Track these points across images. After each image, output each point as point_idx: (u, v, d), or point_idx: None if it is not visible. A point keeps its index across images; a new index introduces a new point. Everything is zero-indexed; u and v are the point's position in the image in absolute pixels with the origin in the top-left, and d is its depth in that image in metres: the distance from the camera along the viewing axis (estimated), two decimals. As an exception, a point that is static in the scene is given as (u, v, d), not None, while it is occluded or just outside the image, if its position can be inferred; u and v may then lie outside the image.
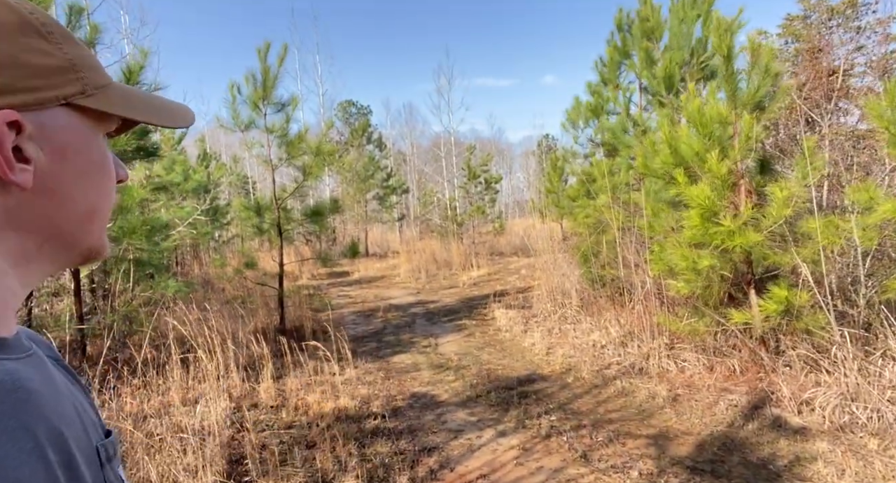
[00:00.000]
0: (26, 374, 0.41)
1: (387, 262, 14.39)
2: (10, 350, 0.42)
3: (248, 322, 6.28)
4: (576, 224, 7.71)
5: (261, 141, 6.60)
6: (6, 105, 0.40)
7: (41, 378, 0.43)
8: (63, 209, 0.45)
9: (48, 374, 0.45)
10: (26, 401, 0.38)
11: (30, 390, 0.39)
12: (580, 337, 5.53)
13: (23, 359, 0.42)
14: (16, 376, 0.39)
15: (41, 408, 0.39)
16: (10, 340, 0.42)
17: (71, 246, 0.47)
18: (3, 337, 0.42)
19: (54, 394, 0.43)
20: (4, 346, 0.41)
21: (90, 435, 0.45)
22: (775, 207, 3.80)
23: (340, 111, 27.82)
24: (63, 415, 0.42)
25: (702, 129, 3.98)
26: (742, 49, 4.24)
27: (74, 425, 0.43)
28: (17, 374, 0.40)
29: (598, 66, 7.50)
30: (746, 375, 4.16)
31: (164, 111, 0.52)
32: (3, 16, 0.41)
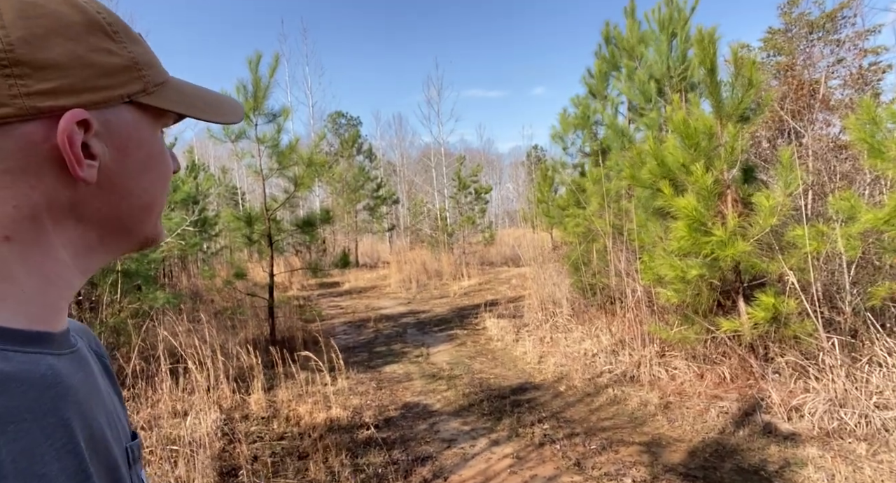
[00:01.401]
0: (67, 370, 0.42)
1: (377, 272, 14.35)
2: (56, 345, 0.42)
3: (239, 333, 6.23)
4: (566, 233, 7.76)
5: (251, 151, 6.59)
6: (76, 104, 0.41)
7: (82, 375, 0.44)
8: (125, 202, 0.46)
9: (90, 372, 0.46)
10: (64, 396, 0.39)
11: (69, 386, 0.40)
12: (572, 345, 5.55)
13: (66, 355, 0.43)
14: (56, 372, 0.40)
15: (79, 405, 0.40)
16: (57, 335, 0.43)
17: (130, 236, 0.48)
18: (49, 331, 0.42)
19: (94, 392, 0.44)
20: (51, 340, 0.42)
21: (121, 436, 0.46)
22: (762, 216, 3.87)
23: (330, 122, 27.87)
24: (100, 414, 0.43)
25: (687, 141, 4.05)
26: (726, 61, 4.34)
27: (111, 425, 0.44)
28: (58, 370, 0.40)
29: (586, 77, 7.62)
30: (736, 382, 4.20)
31: (217, 106, 0.53)
32: (72, 16, 0.42)
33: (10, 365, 0.37)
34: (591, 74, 7.57)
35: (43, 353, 0.41)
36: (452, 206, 16.43)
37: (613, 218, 5.85)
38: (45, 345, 0.41)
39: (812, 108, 6.73)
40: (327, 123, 27.55)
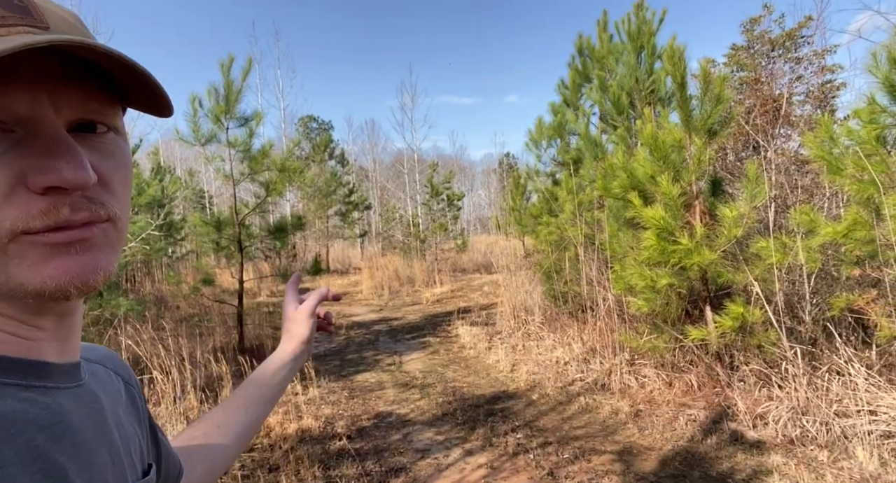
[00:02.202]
0: (69, 406, 0.40)
1: (349, 278, 14.22)
2: (57, 378, 0.40)
3: (206, 341, 6.08)
4: (538, 241, 7.84)
5: (222, 155, 6.46)
6: None
7: (86, 412, 0.42)
8: None
9: (96, 408, 0.43)
10: (60, 438, 0.37)
11: (67, 426, 0.38)
12: (544, 354, 5.59)
13: (71, 389, 0.41)
14: (54, 410, 0.38)
15: (77, 446, 0.38)
16: (62, 366, 0.41)
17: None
18: (49, 362, 0.40)
19: (99, 430, 0.42)
20: (52, 373, 0.40)
21: (127, 475, 0.44)
22: (727, 227, 3.99)
23: (301, 126, 27.57)
24: (104, 453, 0.42)
25: (656, 153, 4.15)
26: (694, 76, 4.47)
27: (115, 463, 0.42)
28: (56, 407, 0.38)
29: (560, 87, 7.74)
30: (704, 390, 4.30)
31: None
32: None
33: (5, 403, 0.35)
34: (564, 85, 7.69)
35: (46, 387, 0.39)
36: (425, 212, 16.43)
37: (585, 227, 5.94)
38: (49, 377, 0.39)
39: (775, 124, 6.98)
40: (298, 127, 27.25)
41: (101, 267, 0.38)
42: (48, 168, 0.35)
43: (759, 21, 10.91)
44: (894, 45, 3.11)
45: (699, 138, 4.23)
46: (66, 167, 0.35)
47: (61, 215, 0.36)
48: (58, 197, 0.36)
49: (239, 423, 0.74)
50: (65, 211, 0.36)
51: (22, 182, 0.35)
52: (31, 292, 0.36)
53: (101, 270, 0.38)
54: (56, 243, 0.36)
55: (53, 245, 0.36)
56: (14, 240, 0.35)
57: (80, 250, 0.37)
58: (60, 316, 0.41)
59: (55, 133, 0.36)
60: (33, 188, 0.35)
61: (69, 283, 0.36)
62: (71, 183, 0.35)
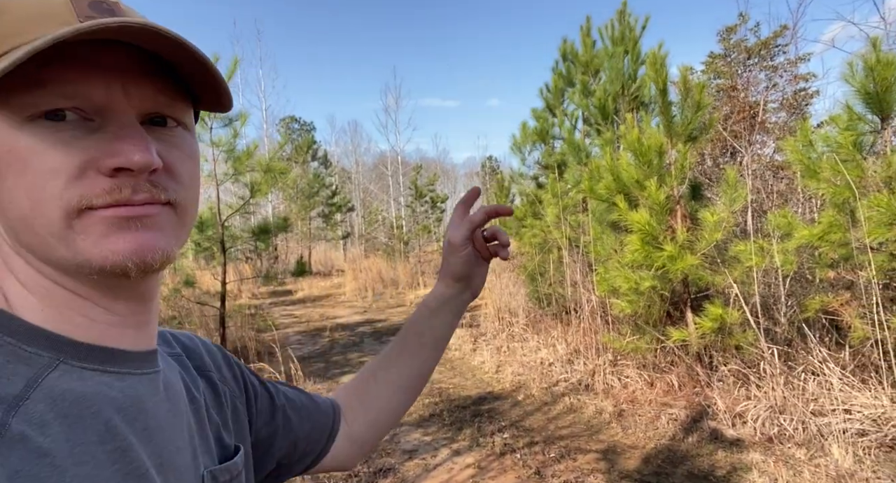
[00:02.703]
0: (145, 392, 0.42)
1: (332, 280, 14.14)
2: (131, 364, 0.42)
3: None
4: (522, 244, 7.91)
5: (205, 155, 6.40)
6: None
7: (160, 398, 0.43)
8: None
9: (171, 395, 0.45)
10: (134, 421, 0.39)
11: (141, 410, 0.40)
12: (528, 355, 5.65)
13: (148, 375, 0.43)
14: (130, 394, 0.40)
15: (150, 430, 0.40)
16: (137, 354, 0.43)
17: (47, 259, 0.39)
18: (126, 350, 0.42)
19: (172, 416, 0.44)
20: (128, 359, 0.42)
21: (199, 460, 0.46)
22: (707, 231, 4.09)
23: (283, 127, 27.36)
24: (178, 439, 0.43)
25: (641, 158, 4.24)
26: (673, 83, 4.58)
27: (182, 452, 0.44)
28: (133, 392, 0.41)
29: (543, 92, 7.82)
30: (684, 390, 4.39)
31: None
32: None
33: (85, 384, 0.38)
34: (548, 89, 7.78)
35: (121, 372, 0.41)
36: (408, 214, 16.43)
37: (569, 230, 6.02)
38: (124, 363, 0.41)
39: (751, 130, 7.16)
40: (280, 128, 27.02)
41: (159, 247, 0.40)
42: (116, 151, 0.38)
43: (736, 30, 11.18)
44: (869, 55, 3.24)
45: (681, 143, 4.33)
46: (132, 150, 0.38)
47: (122, 194, 0.38)
48: (123, 178, 0.38)
49: (399, 373, 0.72)
50: (126, 191, 0.38)
51: (94, 165, 0.38)
52: (95, 267, 0.38)
53: (159, 250, 0.40)
54: (117, 217, 0.38)
55: (114, 219, 0.38)
56: (79, 216, 0.38)
57: (141, 227, 0.39)
58: (134, 301, 0.43)
59: (127, 120, 0.39)
60: (102, 170, 0.38)
61: (128, 258, 0.38)
62: (136, 164, 0.38)
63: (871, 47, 3.24)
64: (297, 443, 0.65)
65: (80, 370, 0.38)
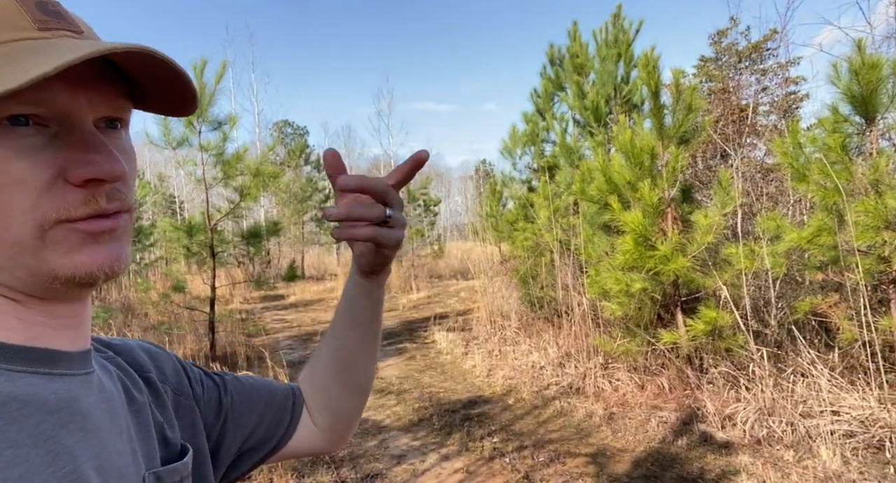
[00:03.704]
0: (79, 392, 0.40)
1: (324, 284, 14.08)
2: (65, 365, 0.41)
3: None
4: (514, 247, 7.90)
5: (194, 159, 6.36)
6: None
7: (96, 399, 0.42)
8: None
9: (107, 396, 0.44)
10: (68, 422, 0.38)
11: (75, 411, 0.39)
12: (520, 358, 5.63)
13: (80, 376, 0.42)
14: (64, 395, 0.39)
15: (86, 432, 0.39)
16: (72, 355, 0.42)
17: (9, 273, 0.38)
18: (60, 350, 0.41)
19: (109, 417, 0.43)
20: (63, 359, 0.41)
21: (140, 462, 0.45)
22: (699, 234, 4.09)
23: (276, 131, 27.31)
24: (116, 440, 0.42)
25: (633, 160, 4.24)
26: (666, 86, 4.59)
27: (122, 454, 0.42)
28: (66, 393, 0.39)
29: (533, 96, 7.84)
30: (675, 393, 4.38)
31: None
32: None
33: (14, 386, 0.36)
34: (537, 94, 7.80)
35: (52, 374, 0.39)
36: (401, 218, 16.38)
37: (561, 232, 6.02)
38: (58, 364, 0.40)
39: (742, 133, 7.19)
40: (273, 132, 26.97)
41: (123, 256, 0.41)
42: (87, 161, 0.38)
43: (727, 33, 11.24)
44: (854, 57, 3.25)
45: (673, 146, 4.34)
46: (104, 160, 0.38)
47: (100, 204, 0.39)
48: (94, 188, 0.38)
49: (329, 357, 0.71)
50: (102, 201, 0.39)
51: (62, 175, 0.37)
52: (62, 278, 0.38)
53: (124, 259, 0.41)
54: (92, 232, 0.39)
55: (89, 234, 0.38)
56: (53, 227, 0.37)
57: (109, 239, 0.40)
58: (76, 302, 0.43)
59: (90, 129, 0.39)
60: (74, 181, 0.38)
61: (99, 270, 0.39)
62: (110, 174, 0.38)
63: (856, 50, 3.26)
64: (254, 430, 0.65)
65: (8, 372, 0.37)
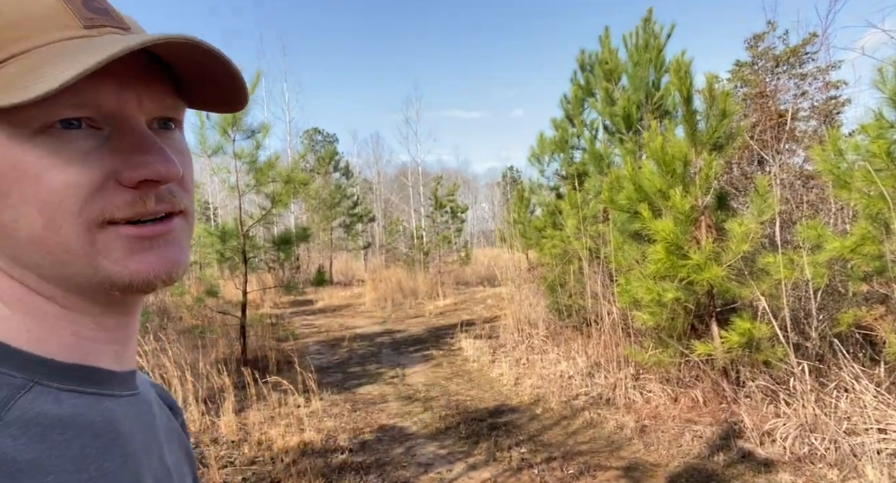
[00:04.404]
0: (124, 414, 0.40)
1: (352, 290, 14.20)
2: (115, 386, 0.40)
3: (209, 353, 6.06)
4: (542, 254, 7.82)
5: (227, 167, 6.50)
6: None
7: (140, 422, 0.42)
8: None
9: (149, 419, 0.43)
10: (112, 446, 0.37)
11: (119, 434, 0.38)
12: (548, 367, 5.55)
13: (125, 397, 0.41)
14: (109, 417, 0.38)
15: (128, 456, 0.38)
16: (119, 375, 0.41)
17: (59, 281, 0.38)
18: (108, 369, 0.40)
19: (151, 441, 0.42)
20: (110, 379, 0.40)
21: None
22: (734, 242, 3.97)
23: (306, 139, 27.77)
24: (153, 464, 0.41)
25: (664, 167, 4.15)
26: (698, 92, 4.49)
27: (160, 478, 0.42)
28: (112, 415, 0.39)
29: (563, 102, 7.78)
30: (710, 406, 4.25)
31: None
32: None
33: (61, 407, 0.35)
34: (567, 100, 7.73)
35: (100, 394, 0.39)
36: (429, 224, 16.45)
37: (590, 240, 5.93)
38: (106, 384, 0.40)
39: (780, 139, 6.99)
40: (303, 139, 27.43)
41: (182, 261, 0.40)
42: (141, 163, 0.37)
43: (763, 38, 10.97)
44: (900, 61, 3.12)
45: (706, 152, 4.23)
46: (158, 161, 0.37)
47: (147, 206, 0.38)
48: (146, 189, 0.38)
49: None
50: (150, 203, 0.38)
51: (114, 177, 0.37)
52: (119, 285, 0.37)
53: (182, 264, 0.40)
54: (139, 237, 0.38)
55: (137, 239, 0.37)
56: (101, 231, 0.36)
57: (164, 244, 0.39)
58: (125, 314, 0.42)
59: (141, 129, 0.38)
60: (127, 182, 0.37)
61: (156, 277, 0.38)
62: (164, 176, 0.38)
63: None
64: None
65: (57, 392, 0.36)
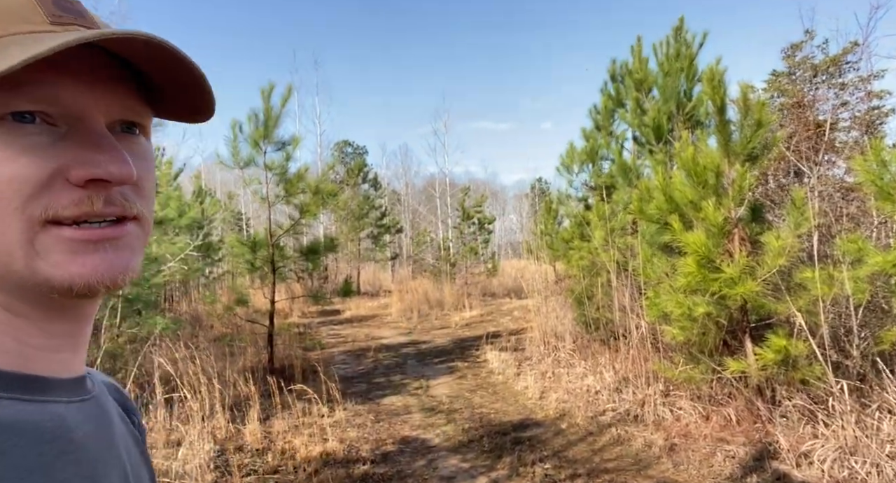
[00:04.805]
0: (76, 420, 0.38)
1: (378, 301, 14.27)
2: (65, 392, 0.39)
3: (237, 360, 6.15)
4: (569, 266, 7.72)
5: (259, 178, 6.65)
6: None
7: (94, 426, 0.40)
8: None
9: (105, 423, 0.42)
10: (64, 453, 0.36)
11: (71, 441, 0.37)
12: (574, 381, 5.45)
13: (76, 403, 0.40)
14: (60, 423, 0.37)
15: (80, 464, 0.37)
16: (66, 382, 0.40)
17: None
18: (55, 377, 0.39)
19: (107, 447, 0.41)
20: (58, 386, 0.39)
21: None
22: (770, 256, 3.84)
23: (336, 151, 28.21)
24: (111, 472, 0.40)
25: (696, 177, 4.06)
26: (732, 102, 4.39)
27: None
28: (63, 421, 0.37)
29: (592, 113, 7.71)
30: (743, 425, 4.10)
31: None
32: None
33: (4, 414, 0.34)
34: (597, 110, 7.67)
35: (48, 401, 0.37)
36: (456, 236, 16.46)
37: (618, 252, 5.83)
38: (51, 391, 0.38)
39: (818, 150, 6.77)
40: (333, 151, 27.88)
41: (130, 267, 0.38)
42: (92, 161, 0.35)
43: (801, 47, 10.69)
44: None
45: (740, 163, 4.13)
46: (110, 161, 0.36)
47: (95, 207, 0.36)
48: (95, 190, 0.36)
49: None
50: (98, 203, 0.36)
51: (62, 175, 0.35)
52: (58, 288, 0.35)
53: (129, 270, 0.38)
54: (84, 240, 0.36)
55: (81, 242, 0.36)
56: (43, 230, 0.35)
57: (111, 248, 0.37)
58: (75, 321, 0.41)
59: (99, 129, 0.37)
60: (75, 180, 0.35)
61: (99, 282, 0.36)
62: (115, 176, 0.36)
63: (949, 58, 2.99)
64: None
65: (2, 400, 0.35)
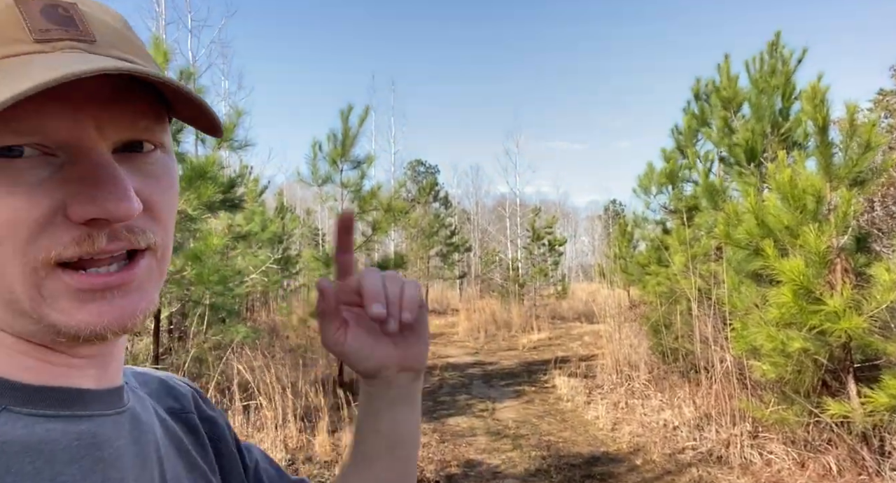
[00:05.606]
0: (109, 434, 0.37)
1: (446, 319, 14.30)
2: (93, 405, 0.37)
3: (309, 372, 6.32)
4: (645, 292, 7.38)
5: (335, 195, 6.90)
6: None
7: (128, 440, 0.38)
8: None
9: (140, 435, 0.40)
10: (91, 471, 0.34)
11: (99, 459, 0.35)
12: (649, 414, 5.15)
13: (110, 416, 0.38)
14: (89, 440, 0.35)
15: (109, 482, 0.35)
16: (99, 393, 0.38)
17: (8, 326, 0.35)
18: (87, 389, 0.37)
19: (142, 459, 0.39)
20: (89, 400, 0.37)
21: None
22: (879, 290, 3.47)
23: (409, 169, 28.91)
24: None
25: (793, 201, 3.77)
26: (834, 122, 4.06)
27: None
28: (92, 437, 0.36)
29: (674, 133, 7.42)
30: (845, 476, 3.69)
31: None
32: None
33: (31, 433, 0.33)
34: (678, 130, 7.37)
35: (78, 415, 0.36)
36: (525, 256, 16.26)
37: (700, 280, 5.50)
38: (83, 404, 0.36)
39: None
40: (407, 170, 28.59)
41: (140, 309, 0.36)
42: (89, 198, 0.32)
43: (910, 62, 9.82)
44: None
45: (844, 187, 3.79)
46: (108, 197, 0.32)
47: (96, 245, 0.33)
48: (97, 227, 0.33)
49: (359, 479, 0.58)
50: (101, 241, 0.33)
51: (62, 211, 0.33)
52: (64, 334, 0.34)
53: (140, 312, 0.36)
54: (89, 289, 0.33)
55: (86, 291, 0.33)
56: (49, 276, 0.33)
57: (119, 294, 0.35)
58: (102, 345, 0.38)
59: (98, 159, 0.33)
60: (74, 219, 0.33)
61: (106, 328, 0.34)
62: (113, 215, 0.33)
63: None
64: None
65: (27, 417, 0.33)
